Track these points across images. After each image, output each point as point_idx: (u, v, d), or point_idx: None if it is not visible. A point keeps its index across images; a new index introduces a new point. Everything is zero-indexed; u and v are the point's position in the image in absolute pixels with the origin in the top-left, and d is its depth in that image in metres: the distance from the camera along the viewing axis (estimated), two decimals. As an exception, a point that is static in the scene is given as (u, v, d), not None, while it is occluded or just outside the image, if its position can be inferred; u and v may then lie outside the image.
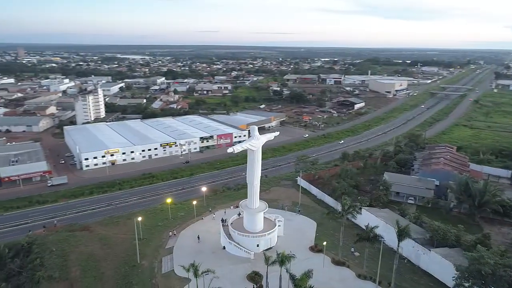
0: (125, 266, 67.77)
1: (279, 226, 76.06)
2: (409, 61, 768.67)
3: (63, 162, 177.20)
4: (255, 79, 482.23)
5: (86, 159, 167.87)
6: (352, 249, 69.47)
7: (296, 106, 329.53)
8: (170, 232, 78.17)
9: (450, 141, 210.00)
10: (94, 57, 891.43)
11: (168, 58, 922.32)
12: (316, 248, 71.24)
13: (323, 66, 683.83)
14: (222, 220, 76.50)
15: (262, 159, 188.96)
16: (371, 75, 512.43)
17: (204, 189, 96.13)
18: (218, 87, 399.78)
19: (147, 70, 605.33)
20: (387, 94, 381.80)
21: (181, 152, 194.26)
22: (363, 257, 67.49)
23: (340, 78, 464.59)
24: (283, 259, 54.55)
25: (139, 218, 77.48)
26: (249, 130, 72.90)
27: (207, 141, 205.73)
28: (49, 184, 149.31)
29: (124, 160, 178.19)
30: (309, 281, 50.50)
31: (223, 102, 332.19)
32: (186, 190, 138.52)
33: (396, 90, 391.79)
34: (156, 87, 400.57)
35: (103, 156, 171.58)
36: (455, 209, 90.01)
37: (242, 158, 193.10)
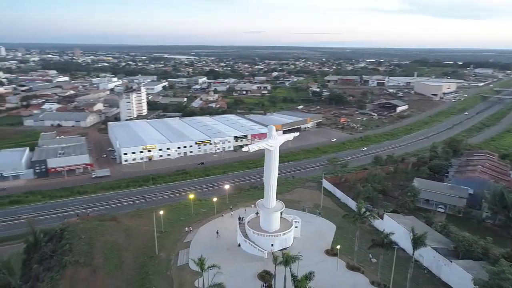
0: (144, 257, 70.80)
1: (296, 227, 75.75)
2: (461, 63, 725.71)
3: (104, 156, 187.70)
4: (295, 79, 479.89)
5: (125, 154, 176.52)
6: (370, 255, 67.61)
7: (335, 107, 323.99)
8: (186, 228, 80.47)
9: (498, 148, 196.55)
10: (143, 57, 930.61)
11: (212, 58, 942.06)
12: (331, 252, 70.09)
13: (367, 67, 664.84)
14: (239, 218, 77.57)
15: (294, 160, 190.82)
16: (417, 76, 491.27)
17: (227, 187, 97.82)
18: (258, 87, 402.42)
19: (190, 70, 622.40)
20: (433, 97, 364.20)
21: (215, 150, 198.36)
22: (381, 264, 65.53)
23: (384, 80, 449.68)
24: (287, 260, 54.42)
25: (161, 212, 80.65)
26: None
27: (241, 140, 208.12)
28: (93, 176, 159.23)
29: (161, 156, 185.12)
30: (310, 283, 49.97)
31: (261, 102, 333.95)
32: (215, 188, 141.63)
33: (444, 93, 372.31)
34: (197, 87, 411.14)
35: (141, 152, 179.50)
36: (488, 220, 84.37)
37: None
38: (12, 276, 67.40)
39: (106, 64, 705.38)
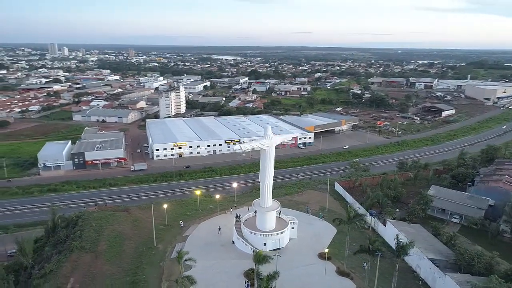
0: (143, 247, 74.22)
1: (292, 228, 75.29)
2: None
3: (139, 151, 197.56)
4: (337, 81, 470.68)
5: (157, 149, 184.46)
6: (365, 264, 65.43)
7: (375, 110, 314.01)
8: (181, 222, 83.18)
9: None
10: (192, 58, 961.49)
11: (258, 59, 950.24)
12: (325, 255, 68.99)
13: (417, 69, 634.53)
14: (236, 216, 78.64)
15: (324, 162, 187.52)
16: (470, 79, 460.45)
17: (235, 185, 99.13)
18: (297, 88, 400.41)
19: (235, 70, 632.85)
20: (485, 102, 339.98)
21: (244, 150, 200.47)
22: (373, 271, 63.41)
23: (432, 83, 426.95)
24: (258, 258, 54.49)
25: (165, 206, 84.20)
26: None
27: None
28: (131, 169, 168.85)
29: (191, 153, 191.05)
30: (276, 283, 49.70)
31: (299, 103, 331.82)
32: (237, 186, 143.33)
33: (498, 97, 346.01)
34: (238, 87, 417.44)
35: (172, 148, 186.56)
36: (505, 234, 77.73)
37: (303, 160, 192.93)
38: (24, 256, 73.90)
39: (156, 64, 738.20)
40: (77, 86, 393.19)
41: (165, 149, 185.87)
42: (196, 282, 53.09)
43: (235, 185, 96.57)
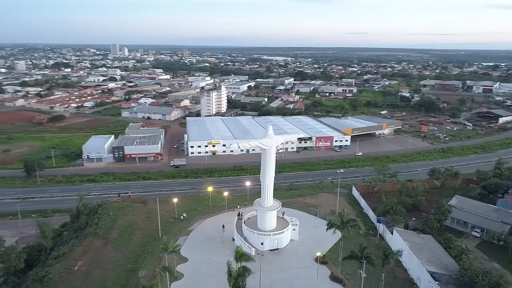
0: (149, 238, 77.70)
1: (293, 229, 74.45)
2: None
3: (176, 147, 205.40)
4: (386, 83, 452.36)
5: (192, 146, 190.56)
6: (361, 271, 62.94)
7: (424, 114, 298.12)
8: (185, 214, 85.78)
9: None
10: (243, 58, 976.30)
11: (309, 60, 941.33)
12: (321, 259, 67.34)
13: (477, 71, 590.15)
14: (238, 214, 79.37)
15: (360, 166, 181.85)
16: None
17: (248, 183, 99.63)
18: (343, 90, 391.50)
19: (283, 71, 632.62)
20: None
21: (278, 150, 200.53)
22: (367, 280, 61.06)
23: (492, 86, 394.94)
24: (239, 256, 54.60)
25: (175, 200, 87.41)
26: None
27: (305, 142, 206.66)
28: (171, 164, 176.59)
29: (224, 151, 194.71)
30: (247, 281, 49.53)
31: (342, 105, 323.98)
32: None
33: None
34: (282, 87, 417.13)
35: (206, 146, 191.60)
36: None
37: (336, 163, 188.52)
38: (44, 239, 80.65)
39: (207, 64, 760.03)
40: (130, 84, 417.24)
41: (199, 146, 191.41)
42: (173, 273, 54.85)
43: (248, 183, 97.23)
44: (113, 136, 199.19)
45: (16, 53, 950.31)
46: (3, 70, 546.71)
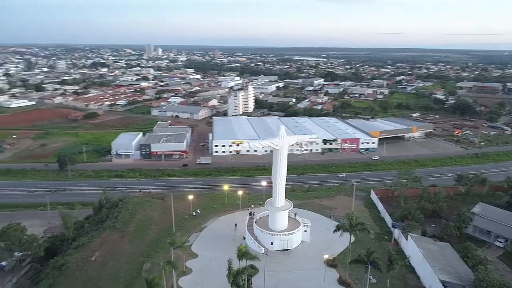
0: (164, 233, 79.67)
1: (305, 231, 73.82)
2: None
3: (201, 145, 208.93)
4: (420, 85, 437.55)
5: (216, 145, 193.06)
6: (371, 276, 61.41)
7: (459, 118, 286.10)
8: (198, 210, 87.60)
9: None
10: (274, 59, 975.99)
11: (341, 60, 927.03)
12: (331, 262, 66.31)
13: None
14: (250, 213, 79.69)
15: (386, 170, 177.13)
16: None
17: (264, 183, 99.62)
18: (373, 91, 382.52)
19: (313, 71, 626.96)
20: None
21: (301, 151, 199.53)
22: (376, 285, 59.67)
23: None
24: (241, 254, 54.76)
25: (190, 197, 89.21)
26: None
27: (330, 144, 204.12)
28: (197, 162, 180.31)
29: (248, 151, 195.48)
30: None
31: (371, 107, 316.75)
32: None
33: None
34: (310, 88, 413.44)
35: (230, 145, 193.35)
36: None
37: (361, 165, 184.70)
38: (66, 229, 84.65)
39: (238, 64, 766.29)
40: (162, 84, 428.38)
41: (223, 145, 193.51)
42: (177, 268, 56.06)
43: (264, 183, 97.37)
44: (141, 133, 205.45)
45: (58, 53, 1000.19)
46: (45, 69, 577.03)
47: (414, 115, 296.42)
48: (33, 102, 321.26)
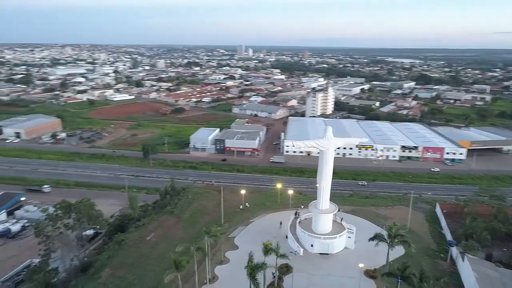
0: (213, 223, 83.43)
1: (349, 237, 70.87)
2: None
3: (275, 144, 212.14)
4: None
5: (287, 145, 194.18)
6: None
7: None
8: (242, 206, 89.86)
9: None
10: (364, 60, 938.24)
11: (441, 62, 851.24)
12: (371, 273, 62.69)
13: None
14: (296, 213, 79.06)
15: (470, 184, 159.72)
16: None
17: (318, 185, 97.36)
18: (472, 97, 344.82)
19: (405, 74, 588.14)
20: None
21: (377, 157, 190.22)
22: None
23: None
24: (266, 250, 54.72)
25: (242, 191, 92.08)
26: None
27: (410, 152, 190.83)
28: (271, 160, 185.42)
29: (318, 153, 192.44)
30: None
31: (467, 114, 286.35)
32: (344, 190, 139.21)
33: None
34: (399, 91, 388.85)
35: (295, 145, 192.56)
36: None
37: (443, 177, 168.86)
38: (132, 210, 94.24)
39: (325, 65, 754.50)
40: (246, 83, 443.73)
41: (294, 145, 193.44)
42: (208, 255, 59.03)
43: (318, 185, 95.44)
44: (218, 129, 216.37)
45: (161, 53, 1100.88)
46: (147, 67, 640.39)
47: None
48: (133, 97, 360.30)
